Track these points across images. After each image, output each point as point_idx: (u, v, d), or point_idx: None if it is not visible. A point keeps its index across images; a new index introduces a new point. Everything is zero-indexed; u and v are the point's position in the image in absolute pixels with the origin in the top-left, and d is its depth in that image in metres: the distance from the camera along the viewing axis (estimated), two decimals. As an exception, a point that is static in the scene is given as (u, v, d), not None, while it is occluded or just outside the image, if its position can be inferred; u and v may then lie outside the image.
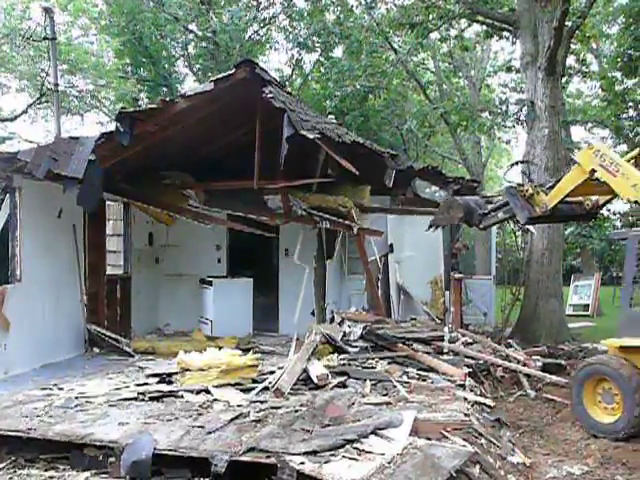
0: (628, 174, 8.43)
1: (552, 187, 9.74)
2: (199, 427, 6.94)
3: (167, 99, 11.64)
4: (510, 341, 13.86)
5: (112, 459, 6.36)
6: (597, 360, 9.07)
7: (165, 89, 24.97)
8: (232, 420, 7.17)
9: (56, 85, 19.71)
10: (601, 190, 9.42)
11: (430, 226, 12.19)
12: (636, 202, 8.43)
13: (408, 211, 14.27)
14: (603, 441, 8.19)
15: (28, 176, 10.47)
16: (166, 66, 25.35)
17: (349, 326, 11.59)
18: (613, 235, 9.66)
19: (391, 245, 14.03)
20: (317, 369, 9.13)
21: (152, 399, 8.31)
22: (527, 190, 9.73)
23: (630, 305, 8.97)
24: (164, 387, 8.88)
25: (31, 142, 28.07)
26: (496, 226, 11.38)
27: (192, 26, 25.26)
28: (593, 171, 8.90)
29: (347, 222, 13.16)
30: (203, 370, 8.94)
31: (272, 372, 9.36)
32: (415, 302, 14.07)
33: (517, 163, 12.09)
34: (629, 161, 8.83)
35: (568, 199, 9.62)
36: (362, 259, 13.73)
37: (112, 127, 11.44)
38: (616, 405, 8.56)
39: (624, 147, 25.89)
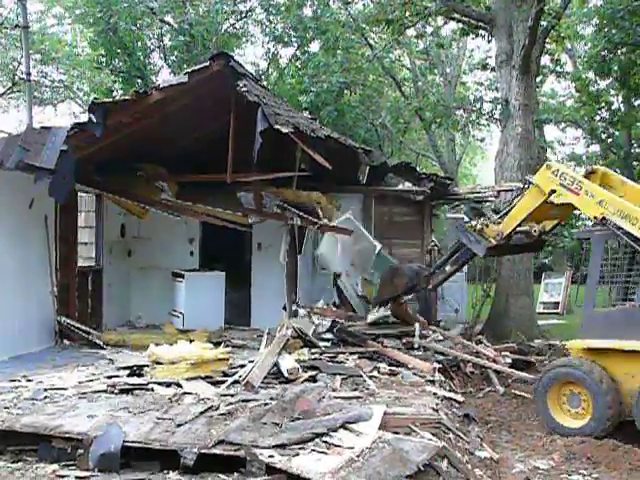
0: (592, 191, 8.48)
1: (504, 215, 9.85)
2: (169, 420, 6.93)
3: (141, 91, 11.54)
4: (480, 337, 13.98)
5: (80, 451, 6.32)
6: (565, 363, 8.91)
7: (140, 81, 24.79)
8: (202, 413, 7.17)
9: (28, 74, 19.47)
10: (558, 213, 9.55)
11: (375, 305, 12.30)
12: (603, 219, 8.30)
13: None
14: (568, 437, 8.30)
15: (-1, 166, 10.33)
16: (141, 58, 25.16)
17: (317, 319, 11.67)
18: (579, 234, 9.63)
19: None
20: (288, 363, 9.16)
21: (122, 391, 8.28)
22: (476, 225, 10.04)
23: (593, 306, 8.77)
24: (134, 380, 8.86)
25: (2, 132, 27.79)
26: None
27: (168, 18, 25.09)
28: (552, 192, 8.89)
29: (313, 219, 13.18)
30: (174, 363, 8.93)
31: (243, 366, 9.38)
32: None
33: (473, 209, 12.25)
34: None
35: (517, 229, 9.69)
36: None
37: (85, 118, 11.34)
38: (583, 409, 8.48)
39: (597, 147, 26.21)
